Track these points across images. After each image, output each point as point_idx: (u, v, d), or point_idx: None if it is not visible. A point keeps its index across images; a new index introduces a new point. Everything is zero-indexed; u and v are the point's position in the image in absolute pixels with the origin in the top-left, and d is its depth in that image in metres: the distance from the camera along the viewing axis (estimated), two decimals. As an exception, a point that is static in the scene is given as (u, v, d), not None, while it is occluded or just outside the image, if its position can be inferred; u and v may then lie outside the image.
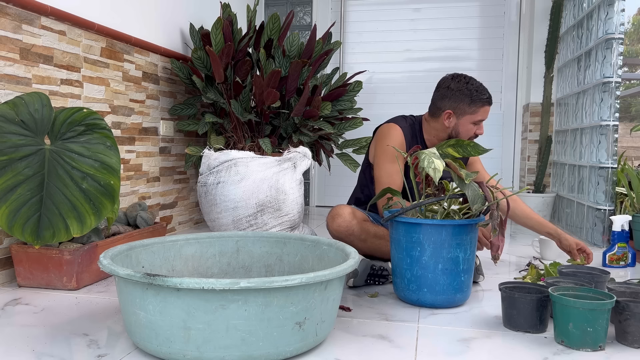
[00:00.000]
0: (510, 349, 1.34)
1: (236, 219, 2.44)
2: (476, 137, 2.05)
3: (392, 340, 1.38)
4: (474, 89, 1.97)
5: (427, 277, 1.63)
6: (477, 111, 1.98)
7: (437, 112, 2.03)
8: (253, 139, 2.95)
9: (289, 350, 1.20)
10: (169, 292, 1.13)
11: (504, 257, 2.48)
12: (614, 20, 2.71)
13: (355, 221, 1.91)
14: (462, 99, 1.97)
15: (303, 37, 4.30)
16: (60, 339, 1.35)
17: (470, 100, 1.97)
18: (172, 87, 2.98)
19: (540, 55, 3.84)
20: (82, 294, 1.78)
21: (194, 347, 1.15)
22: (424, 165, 1.58)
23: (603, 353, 1.31)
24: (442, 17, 4.17)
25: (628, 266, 2.35)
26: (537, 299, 1.43)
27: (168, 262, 1.62)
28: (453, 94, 1.98)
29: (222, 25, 2.79)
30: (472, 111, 1.98)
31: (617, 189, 2.78)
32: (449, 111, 1.99)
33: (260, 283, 1.11)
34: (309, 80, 2.87)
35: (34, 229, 1.68)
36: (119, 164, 1.79)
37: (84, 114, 1.79)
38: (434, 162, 1.57)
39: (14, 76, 1.90)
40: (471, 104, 1.97)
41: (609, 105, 2.76)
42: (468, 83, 1.98)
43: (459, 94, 1.97)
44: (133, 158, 2.62)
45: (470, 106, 1.97)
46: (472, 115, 1.98)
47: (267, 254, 1.72)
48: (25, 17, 1.94)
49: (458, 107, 1.98)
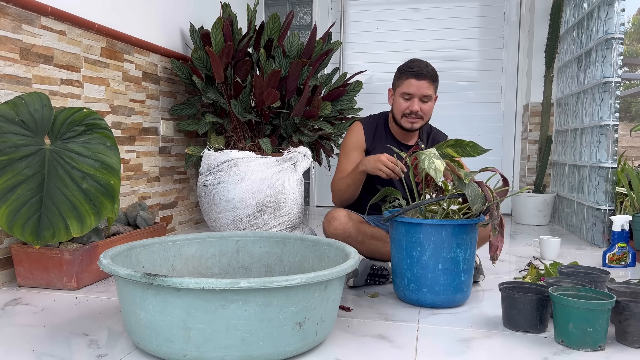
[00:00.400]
0: (510, 349, 1.34)
1: (236, 219, 2.44)
2: (412, 115, 2.00)
3: (392, 340, 1.38)
4: (406, 64, 2.02)
5: (427, 277, 1.63)
6: (402, 83, 2.00)
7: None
8: (253, 139, 2.95)
9: (289, 350, 1.20)
10: (169, 292, 1.13)
11: (504, 257, 2.48)
12: (614, 20, 2.71)
13: (351, 223, 1.91)
14: (395, 75, 2.06)
15: (303, 37, 4.30)
16: (60, 339, 1.35)
17: (399, 74, 2.03)
18: (172, 87, 2.98)
19: (540, 55, 3.84)
20: (82, 294, 1.78)
21: (194, 347, 1.15)
22: (424, 166, 1.58)
23: (603, 353, 1.31)
24: (442, 17, 4.17)
25: (628, 266, 2.35)
26: (537, 299, 1.43)
27: (168, 262, 1.62)
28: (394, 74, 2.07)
29: (222, 25, 2.79)
30: (399, 84, 2.02)
31: (617, 189, 2.78)
32: (390, 89, 2.09)
33: (260, 283, 1.11)
34: (309, 80, 2.87)
35: (34, 229, 1.68)
36: (119, 164, 1.79)
37: (84, 114, 1.79)
38: (434, 163, 1.57)
39: (14, 76, 1.90)
40: (399, 77, 2.02)
41: (609, 105, 2.76)
42: (408, 61, 2.04)
43: (395, 71, 2.06)
44: (133, 158, 2.62)
45: (398, 79, 2.03)
46: (399, 88, 2.02)
47: (267, 254, 1.72)
48: (25, 17, 1.94)
49: (393, 84, 2.07)
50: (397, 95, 2.02)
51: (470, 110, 4.15)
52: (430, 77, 1.97)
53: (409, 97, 1.99)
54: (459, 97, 4.17)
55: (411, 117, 2.00)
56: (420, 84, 1.96)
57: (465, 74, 4.15)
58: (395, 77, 2.04)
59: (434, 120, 4.06)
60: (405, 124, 2.03)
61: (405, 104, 2.00)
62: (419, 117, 2.01)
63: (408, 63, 2.01)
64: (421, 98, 1.98)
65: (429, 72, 1.97)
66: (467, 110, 4.14)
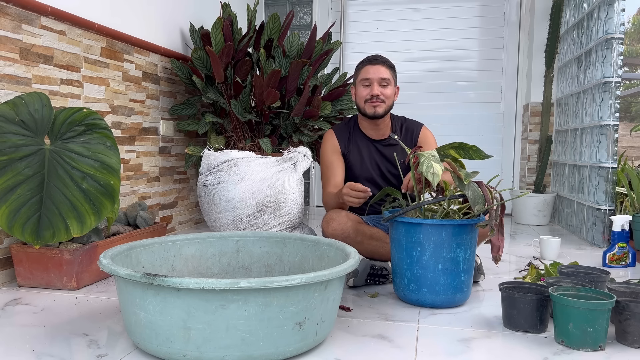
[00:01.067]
0: (510, 349, 1.34)
1: (236, 219, 2.44)
2: (374, 99, 2.05)
3: (392, 340, 1.38)
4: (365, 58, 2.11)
5: (427, 277, 1.63)
6: (359, 72, 2.09)
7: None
8: (253, 139, 2.95)
9: (289, 350, 1.20)
10: (169, 292, 1.13)
11: (504, 257, 2.48)
12: (614, 20, 2.71)
13: (350, 223, 1.91)
14: (354, 72, 2.15)
15: (303, 37, 4.30)
16: (60, 339, 1.35)
17: (356, 68, 2.13)
18: (172, 87, 2.98)
19: (540, 55, 3.84)
20: (82, 294, 1.78)
21: (194, 347, 1.15)
22: (422, 170, 1.58)
23: (603, 353, 1.31)
24: (442, 17, 4.17)
25: (628, 266, 2.35)
26: (537, 299, 1.43)
27: (168, 262, 1.62)
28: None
29: (222, 25, 2.79)
30: (357, 75, 2.11)
31: (617, 189, 2.78)
32: (353, 87, 2.15)
33: (260, 283, 1.11)
34: (309, 80, 2.87)
35: (34, 229, 1.68)
36: (119, 164, 1.79)
37: (83, 114, 1.79)
38: (432, 167, 1.58)
39: (14, 76, 1.90)
40: (356, 69, 2.12)
41: (609, 105, 2.76)
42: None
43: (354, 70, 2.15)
44: (133, 158, 2.62)
45: (356, 72, 2.13)
46: (358, 78, 2.10)
47: (267, 254, 1.72)
48: (25, 17, 1.94)
49: (354, 79, 2.14)
50: (358, 85, 2.10)
51: (470, 110, 4.15)
52: (385, 63, 2.07)
53: (368, 83, 2.06)
54: (459, 97, 4.17)
55: (373, 101, 2.05)
56: (376, 68, 2.06)
57: (465, 74, 4.15)
58: (354, 73, 2.14)
59: (434, 119, 4.08)
60: (368, 110, 2.08)
61: (365, 90, 2.07)
62: (381, 101, 2.06)
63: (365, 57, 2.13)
64: (379, 82, 2.05)
65: (383, 59, 2.09)
66: (467, 110, 4.14)
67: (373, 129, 2.15)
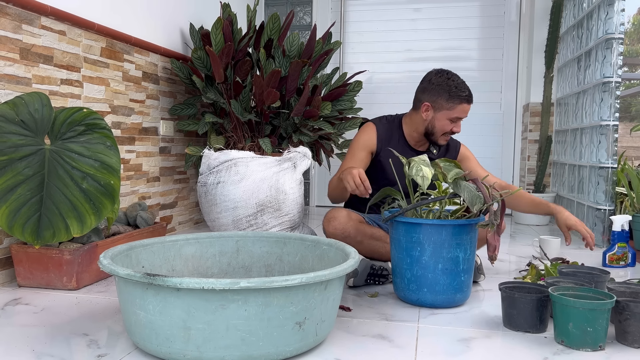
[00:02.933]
0: (510, 349, 1.34)
1: (236, 219, 2.44)
2: (452, 134, 2.06)
3: (392, 340, 1.38)
4: (454, 85, 1.98)
5: (427, 277, 1.63)
6: (454, 107, 1.99)
7: (417, 104, 2.07)
8: (253, 139, 2.95)
9: (289, 350, 1.20)
10: (169, 292, 1.13)
11: (504, 257, 2.48)
12: (614, 20, 2.71)
13: (351, 223, 1.91)
14: (441, 94, 1.99)
15: (303, 37, 4.30)
16: (60, 339, 1.35)
17: (448, 96, 1.98)
18: (172, 87, 2.98)
19: (540, 55, 3.84)
20: (82, 293, 1.78)
21: (194, 347, 1.15)
22: (411, 174, 1.59)
23: (603, 353, 1.31)
24: (442, 17, 4.17)
25: (628, 266, 2.35)
26: (537, 299, 1.43)
27: (168, 262, 1.62)
28: (433, 88, 2.01)
29: (222, 25, 2.79)
30: (449, 107, 2.00)
31: (617, 189, 2.78)
32: (427, 104, 2.02)
33: (260, 283, 1.11)
34: (309, 80, 2.87)
35: (34, 229, 1.68)
36: (119, 164, 1.79)
37: (83, 113, 1.79)
38: (422, 170, 1.58)
39: (14, 76, 1.90)
40: (449, 99, 1.99)
41: (609, 105, 2.76)
42: (449, 79, 2.00)
43: (438, 88, 2.00)
44: (133, 158, 2.62)
45: (447, 102, 1.99)
46: (449, 111, 2.00)
47: (267, 254, 1.72)
48: (25, 17, 1.94)
49: (436, 101, 2.01)
50: (444, 116, 2.00)
51: (470, 110, 4.14)
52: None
53: (457, 120, 2.02)
54: (459, 97, 4.17)
55: (448, 135, 2.05)
56: (469, 108, 2.02)
57: (465, 74, 4.15)
58: (442, 97, 1.99)
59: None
60: (441, 141, 2.06)
61: (450, 126, 2.02)
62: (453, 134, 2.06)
63: (456, 84, 1.98)
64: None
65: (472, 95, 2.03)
66: (467, 110, 4.14)
67: (420, 141, 2.12)
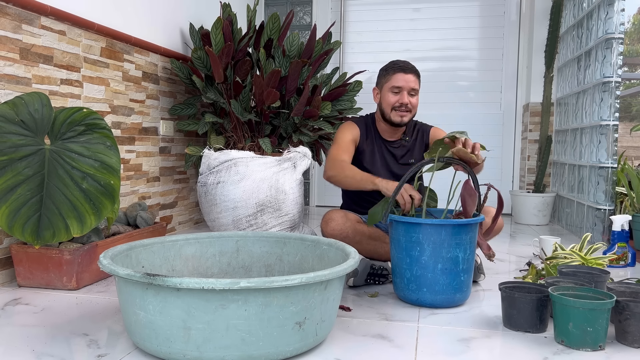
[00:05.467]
0: (510, 348, 1.34)
1: (236, 219, 2.44)
2: (402, 108, 2.05)
3: (392, 340, 1.38)
4: (390, 63, 2.10)
5: (427, 277, 1.63)
6: (390, 78, 2.06)
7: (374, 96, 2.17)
8: (253, 138, 2.95)
9: (288, 350, 1.20)
10: (169, 292, 1.13)
11: (505, 257, 2.48)
12: (614, 19, 2.71)
13: (349, 223, 1.91)
14: (380, 74, 2.12)
15: (303, 37, 4.30)
16: (60, 339, 1.35)
17: (385, 72, 2.10)
18: (172, 87, 2.98)
19: (540, 55, 3.84)
20: (82, 293, 1.78)
21: (194, 346, 1.15)
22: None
23: (603, 353, 1.31)
24: (441, 17, 4.17)
25: (628, 266, 2.35)
26: (537, 299, 1.43)
27: (168, 262, 1.62)
28: (378, 74, 2.14)
29: (222, 25, 2.79)
30: (386, 80, 2.08)
31: (617, 188, 2.78)
32: (375, 88, 2.14)
33: (260, 283, 1.11)
34: (309, 80, 2.87)
35: (34, 229, 1.68)
36: (119, 164, 1.79)
37: (83, 113, 1.79)
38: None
39: (14, 76, 1.90)
40: (385, 74, 2.09)
41: (609, 105, 2.76)
42: (390, 61, 2.12)
43: (380, 72, 2.13)
44: (133, 158, 2.62)
45: (385, 76, 2.09)
46: (387, 83, 2.07)
47: (267, 254, 1.72)
48: (25, 17, 1.94)
49: (379, 82, 2.13)
50: (386, 90, 2.07)
51: (470, 110, 4.15)
52: (415, 72, 2.07)
53: (398, 91, 2.05)
54: (459, 97, 4.17)
55: (401, 110, 2.06)
56: (408, 77, 2.04)
57: (465, 73, 4.15)
58: (381, 75, 2.12)
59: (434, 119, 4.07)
60: (395, 118, 2.07)
61: (394, 98, 2.05)
62: (408, 111, 2.06)
63: (391, 62, 2.11)
64: (409, 91, 2.05)
65: (413, 68, 2.08)
66: (467, 110, 4.14)
67: (389, 132, 2.15)
